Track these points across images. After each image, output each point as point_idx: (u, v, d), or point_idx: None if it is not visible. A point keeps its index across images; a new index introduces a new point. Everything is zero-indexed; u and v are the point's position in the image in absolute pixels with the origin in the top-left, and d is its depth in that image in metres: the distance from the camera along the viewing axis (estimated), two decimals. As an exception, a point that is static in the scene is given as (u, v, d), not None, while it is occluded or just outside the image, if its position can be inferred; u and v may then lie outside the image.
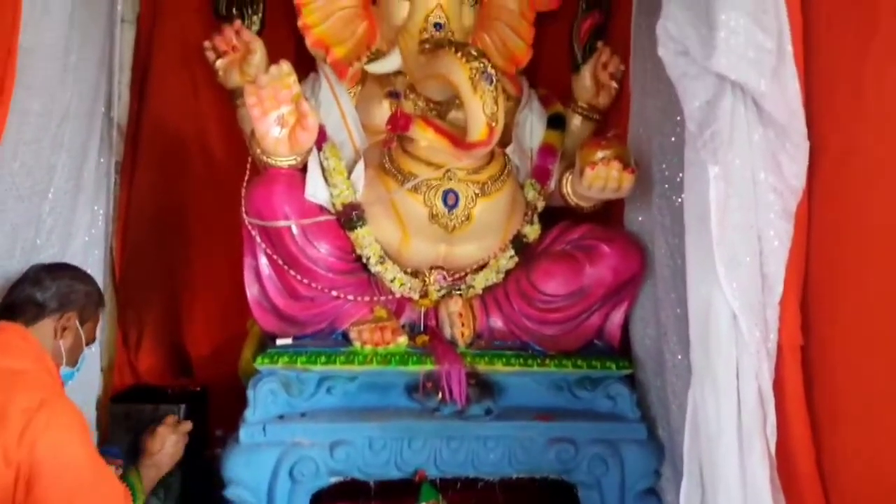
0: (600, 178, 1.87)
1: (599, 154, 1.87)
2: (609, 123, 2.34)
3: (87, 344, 1.54)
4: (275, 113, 1.78)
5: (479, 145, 1.80)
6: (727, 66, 1.31)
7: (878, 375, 1.34)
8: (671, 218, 1.84)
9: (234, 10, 2.16)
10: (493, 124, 1.77)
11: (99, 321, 1.61)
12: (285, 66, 1.79)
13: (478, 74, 1.74)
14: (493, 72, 1.76)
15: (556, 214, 2.19)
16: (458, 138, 1.86)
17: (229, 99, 2.18)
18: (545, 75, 2.45)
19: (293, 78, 1.80)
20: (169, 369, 2.45)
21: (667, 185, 1.88)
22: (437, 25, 2.00)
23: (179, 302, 2.44)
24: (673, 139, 1.85)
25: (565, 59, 2.38)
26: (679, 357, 1.82)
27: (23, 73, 1.53)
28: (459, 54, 1.77)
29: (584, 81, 2.28)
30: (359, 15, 2.16)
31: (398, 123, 1.87)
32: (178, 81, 2.36)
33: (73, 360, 1.50)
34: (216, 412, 2.35)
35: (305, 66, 2.29)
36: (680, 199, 1.72)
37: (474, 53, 1.77)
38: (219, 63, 2.10)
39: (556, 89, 2.39)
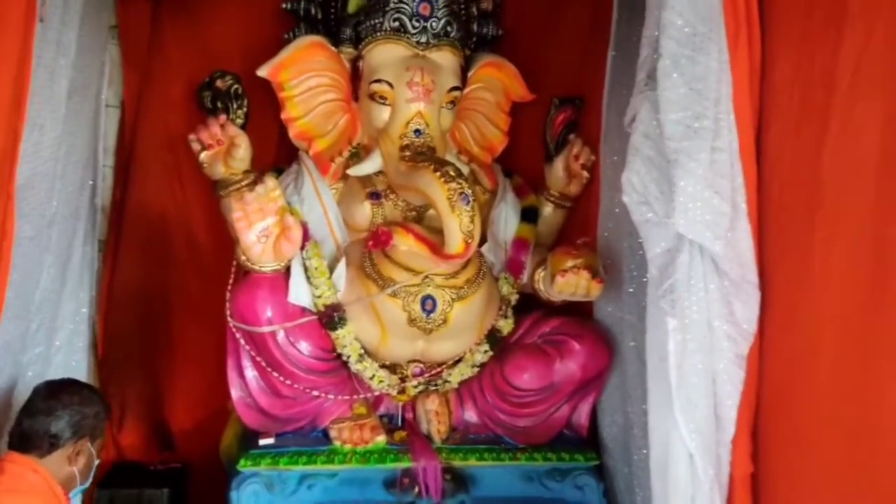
0: (570, 286, 1.96)
1: (570, 263, 1.96)
2: (580, 210, 2.44)
3: (98, 456, 1.59)
4: (260, 224, 1.84)
5: (455, 258, 1.88)
6: (685, 227, 1.41)
7: (822, 497, 1.45)
8: (637, 317, 1.92)
9: (218, 104, 2.19)
10: (470, 241, 1.85)
11: (105, 432, 1.64)
12: (270, 182, 1.85)
13: (455, 195, 1.82)
14: (469, 192, 1.84)
15: (529, 301, 2.28)
16: (436, 246, 1.93)
17: (214, 187, 2.22)
18: (519, 161, 2.53)
19: (278, 192, 1.86)
20: (151, 445, 2.49)
21: (635, 286, 1.96)
22: (417, 132, 2.06)
23: (162, 378, 2.47)
24: (640, 240, 1.95)
25: (538, 146, 2.46)
26: (644, 451, 1.91)
27: (19, 205, 1.57)
28: (438, 174, 1.84)
29: (557, 172, 2.36)
30: (341, 108, 2.21)
31: (380, 240, 1.95)
32: (162, 167, 2.39)
33: (86, 478, 1.57)
34: (197, 487, 2.40)
35: (287, 155, 2.35)
36: (645, 302, 1.83)
37: (452, 174, 1.85)
38: (203, 156, 2.13)
39: (529, 174, 2.48)
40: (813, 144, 1.40)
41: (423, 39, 2.09)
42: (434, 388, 2.16)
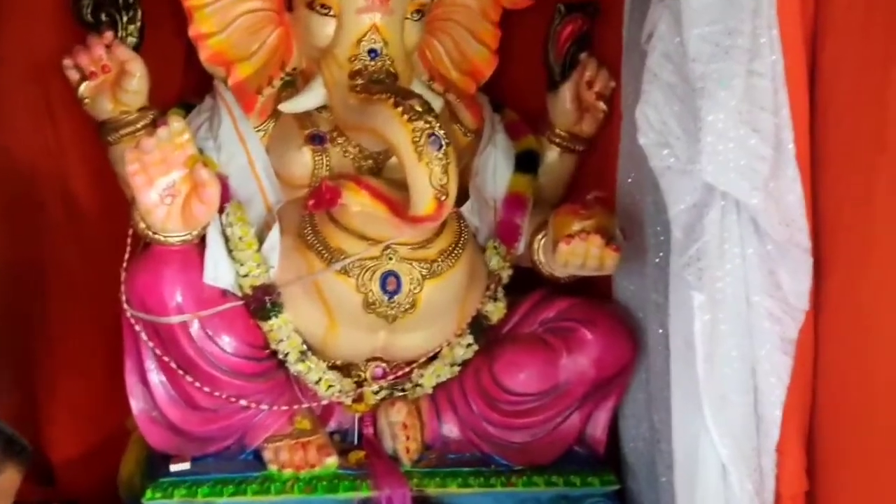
0: (577, 255, 2.10)
1: (576, 225, 2.09)
2: (596, 156, 2.58)
3: None
4: (163, 180, 1.95)
5: (424, 220, 2.01)
6: (714, 174, 1.55)
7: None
8: (666, 295, 2.07)
9: (102, 17, 2.28)
10: (443, 198, 1.97)
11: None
12: (176, 124, 1.96)
13: (423, 137, 1.93)
14: (441, 133, 1.95)
15: (527, 278, 2.42)
16: (399, 205, 2.05)
17: (99, 130, 2.32)
18: (513, 89, 2.66)
19: (187, 136, 1.97)
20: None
21: (661, 254, 2.10)
22: (372, 52, 2.17)
23: (36, 389, 2.59)
24: (668, 195, 2.09)
25: (539, 70, 2.58)
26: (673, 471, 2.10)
27: None
28: (400, 110, 1.96)
29: (564, 103, 2.49)
30: (270, 20, 2.31)
31: (324, 199, 2.06)
32: (27, 103, 2.46)
33: None
34: (89, 532, 2.56)
35: (198, 85, 2.45)
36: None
37: (418, 109, 1.96)
38: (84, 88, 2.23)
39: (527, 107, 2.61)
40: (879, 65, 1.53)
41: (377, -77, 2.19)
42: (401, 393, 2.31)
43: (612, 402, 2.36)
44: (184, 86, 2.51)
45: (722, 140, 1.54)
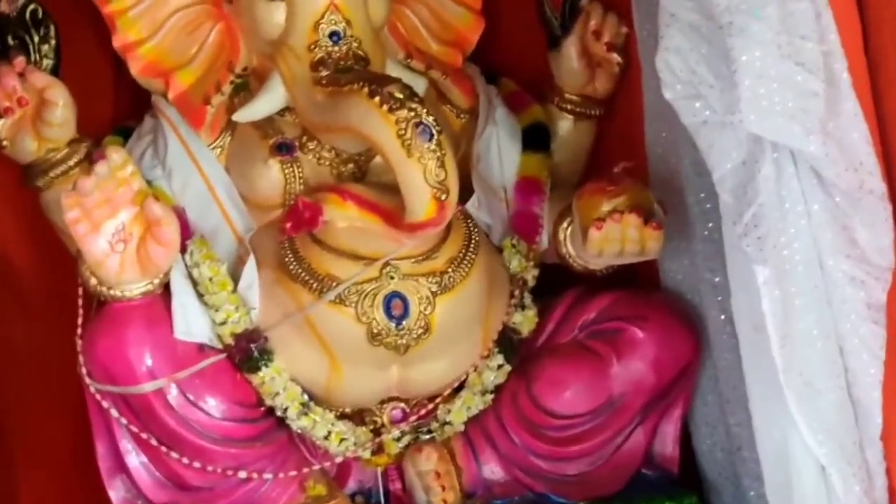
0: (613, 242, 2.12)
1: (606, 206, 2.11)
2: (617, 119, 2.61)
3: None
4: (110, 223, 2.00)
5: (425, 227, 2.03)
6: (759, 123, 1.57)
7: None
8: (723, 273, 2.06)
9: (9, 40, 2.31)
10: (443, 197, 1.99)
11: None
12: (116, 155, 2.00)
13: (409, 128, 1.95)
14: (430, 120, 1.97)
15: (556, 276, 2.45)
16: (393, 213, 2.08)
17: (24, 175, 2.36)
18: (508, 54, 2.70)
19: (130, 168, 2.02)
20: None
21: (710, 224, 2.14)
22: (335, 35, 2.20)
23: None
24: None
25: (535, 27, 2.59)
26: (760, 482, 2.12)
27: None
28: (377, 99, 1.97)
29: (570, 62, 2.52)
30: (208, 15, 2.34)
31: (303, 219, 2.09)
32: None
33: None
34: None
35: (134, 104, 2.51)
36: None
37: (399, 96, 1.97)
38: (0, 129, 2.27)
39: (526, 74, 2.64)
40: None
41: None
42: (428, 436, 2.34)
43: (679, 410, 2.39)
44: (117, 107, 2.57)
45: (763, 81, 1.56)
